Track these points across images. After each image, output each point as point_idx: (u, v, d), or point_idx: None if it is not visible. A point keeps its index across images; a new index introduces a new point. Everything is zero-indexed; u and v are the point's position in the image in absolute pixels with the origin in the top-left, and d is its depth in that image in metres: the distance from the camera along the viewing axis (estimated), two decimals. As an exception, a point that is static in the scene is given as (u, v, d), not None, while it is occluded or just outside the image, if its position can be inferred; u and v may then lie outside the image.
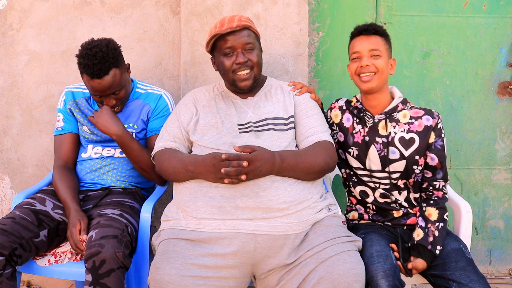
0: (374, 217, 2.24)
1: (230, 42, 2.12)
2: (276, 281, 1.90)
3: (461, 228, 2.23)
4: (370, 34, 2.14)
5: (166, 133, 2.20)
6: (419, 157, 2.14)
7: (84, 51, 2.20)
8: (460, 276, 1.94)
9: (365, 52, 2.12)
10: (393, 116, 2.17)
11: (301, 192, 1.98)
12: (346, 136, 2.24)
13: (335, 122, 2.29)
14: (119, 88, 2.27)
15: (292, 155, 2.02)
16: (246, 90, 2.20)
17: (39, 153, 2.88)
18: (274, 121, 2.14)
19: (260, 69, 2.21)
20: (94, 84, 2.20)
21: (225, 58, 2.15)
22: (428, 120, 2.13)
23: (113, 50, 2.22)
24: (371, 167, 2.18)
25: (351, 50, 2.18)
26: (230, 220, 1.89)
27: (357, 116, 2.23)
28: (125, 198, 2.31)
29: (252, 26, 2.17)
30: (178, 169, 2.04)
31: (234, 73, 2.15)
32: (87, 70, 2.18)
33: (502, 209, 3.04)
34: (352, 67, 2.17)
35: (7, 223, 2.02)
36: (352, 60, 2.18)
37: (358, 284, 1.78)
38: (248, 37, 2.14)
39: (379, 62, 2.12)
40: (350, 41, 2.21)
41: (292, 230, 1.91)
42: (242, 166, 1.88)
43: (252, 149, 1.92)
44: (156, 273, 1.81)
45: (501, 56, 2.91)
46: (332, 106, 2.32)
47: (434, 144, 2.13)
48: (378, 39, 2.14)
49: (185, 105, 2.25)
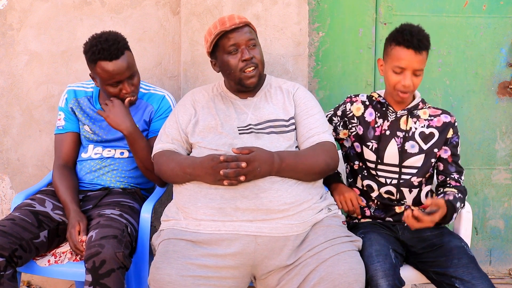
0: (375, 212, 2.25)
1: (234, 39, 2.10)
2: (276, 281, 1.89)
3: (461, 228, 2.23)
4: (421, 51, 2.07)
5: (165, 135, 2.19)
6: (438, 150, 2.19)
7: (94, 40, 2.21)
8: (463, 273, 1.94)
9: (410, 70, 2.08)
10: (414, 113, 2.22)
11: (302, 193, 1.98)
12: (366, 130, 2.25)
13: (355, 115, 2.29)
14: (134, 71, 2.28)
15: (291, 155, 2.01)
16: (251, 88, 2.18)
17: (39, 153, 2.88)
18: (275, 123, 2.12)
19: (263, 66, 2.20)
20: (113, 67, 2.18)
21: (229, 57, 2.12)
22: (446, 117, 2.22)
23: (120, 35, 2.26)
24: (388, 161, 2.20)
25: (396, 60, 2.09)
26: (230, 222, 1.89)
27: (379, 110, 2.25)
28: (125, 198, 2.31)
29: (251, 24, 2.17)
30: (176, 172, 2.04)
31: (242, 71, 2.12)
32: (103, 54, 2.17)
33: (502, 209, 3.04)
34: (392, 79, 2.12)
35: (7, 225, 2.02)
36: (393, 71, 2.11)
37: (358, 284, 1.79)
38: (250, 33, 2.14)
39: (418, 80, 2.12)
40: (393, 43, 2.10)
41: (292, 232, 1.90)
42: (240, 167, 1.87)
43: (250, 150, 1.92)
44: (156, 273, 1.81)
45: (501, 56, 2.91)
46: (354, 99, 2.31)
47: (450, 139, 2.20)
48: (425, 55, 2.09)
49: (183, 106, 2.24)
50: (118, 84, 2.24)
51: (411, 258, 2.15)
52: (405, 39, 2.06)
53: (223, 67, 2.17)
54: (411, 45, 2.05)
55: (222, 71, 2.20)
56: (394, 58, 2.10)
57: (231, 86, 2.23)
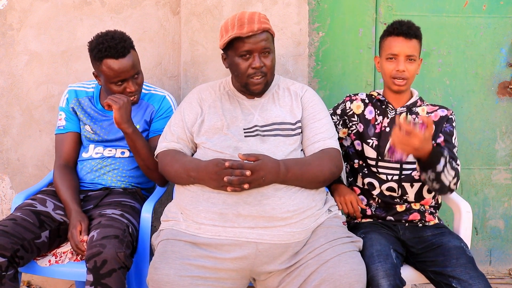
0: (377, 211, 2.25)
1: (249, 45, 2.04)
2: (277, 283, 1.89)
3: (461, 228, 2.23)
4: (411, 38, 2.16)
5: (170, 134, 2.17)
6: (434, 142, 2.19)
7: (101, 38, 2.21)
8: (460, 273, 1.95)
9: (402, 56, 2.16)
10: (413, 110, 2.26)
11: (305, 200, 1.96)
12: (367, 128, 2.27)
13: (356, 113, 2.30)
14: (139, 71, 2.28)
15: (297, 164, 1.98)
16: (256, 93, 2.16)
17: (39, 153, 2.88)
18: (281, 126, 2.09)
19: (273, 73, 2.17)
20: (120, 65, 2.19)
21: (240, 60, 2.08)
22: (443, 111, 2.26)
23: (126, 34, 2.27)
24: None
25: (388, 49, 2.20)
26: (231, 228, 1.87)
27: (379, 108, 2.28)
28: (126, 198, 2.31)
29: (270, 28, 2.11)
30: (180, 174, 2.02)
31: (249, 77, 2.09)
32: (110, 51, 2.17)
33: (502, 209, 3.04)
34: (387, 68, 2.20)
35: (9, 225, 2.02)
36: (386, 60, 2.20)
37: (360, 284, 1.79)
38: (266, 41, 2.07)
39: (413, 67, 2.18)
40: (385, 36, 2.23)
41: (294, 239, 1.89)
42: (245, 175, 1.84)
43: (256, 157, 1.88)
44: (155, 273, 1.80)
45: (501, 56, 2.91)
46: (353, 98, 2.33)
47: (444, 128, 2.23)
48: (415, 43, 2.18)
49: (189, 104, 2.21)
50: (122, 82, 2.24)
51: (411, 258, 2.15)
52: (394, 28, 2.19)
53: (232, 67, 2.14)
54: (400, 32, 2.17)
55: (231, 70, 2.17)
56: (386, 48, 2.21)
57: (238, 87, 2.21)
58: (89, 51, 2.25)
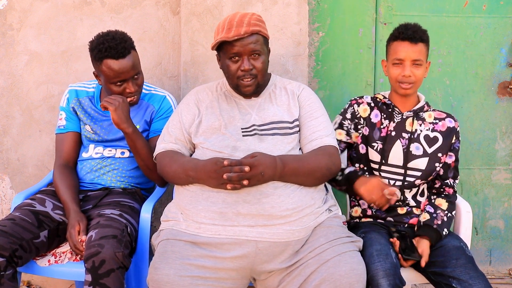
0: (377, 212, 2.25)
1: (237, 48, 2.05)
2: (277, 282, 1.89)
3: (461, 228, 2.23)
4: (416, 42, 2.14)
5: (168, 135, 2.17)
6: (442, 155, 2.22)
7: (101, 38, 2.21)
8: (460, 273, 1.95)
9: (408, 61, 2.15)
10: (420, 115, 2.26)
11: (304, 198, 1.96)
12: (372, 131, 2.26)
13: (362, 116, 2.29)
14: (139, 71, 2.28)
15: (294, 159, 2.00)
16: (248, 95, 2.16)
17: (39, 153, 2.88)
18: (279, 125, 2.10)
19: (265, 75, 2.16)
20: (120, 66, 2.19)
21: (230, 62, 2.09)
22: (450, 122, 2.26)
23: (127, 35, 2.27)
24: (392, 161, 2.22)
25: (393, 54, 2.18)
26: (230, 227, 1.87)
27: (385, 112, 2.27)
28: (125, 198, 2.31)
29: (261, 30, 2.09)
30: (179, 174, 2.02)
31: (239, 79, 2.09)
32: (110, 52, 2.17)
33: (502, 209, 3.04)
34: (393, 72, 2.19)
35: (7, 225, 2.02)
36: (393, 65, 2.19)
37: (360, 284, 1.79)
38: (256, 43, 2.06)
39: (419, 71, 2.16)
40: (391, 40, 2.22)
41: (293, 237, 1.90)
42: (244, 171, 1.85)
43: (252, 155, 1.91)
44: (155, 273, 1.81)
45: (501, 56, 2.91)
46: (360, 101, 2.32)
47: (453, 145, 2.25)
48: (422, 47, 2.16)
49: (187, 105, 2.22)
50: (122, 83, 2.24)
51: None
52: (400, 32, 2.18)
53: (223, 69, 2.15)
54: (406, 36, 2.15)
55: (223, 71, 2.19)
56: (392, 53, 2.20)
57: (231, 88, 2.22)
58: (89, 51, 2.25)
